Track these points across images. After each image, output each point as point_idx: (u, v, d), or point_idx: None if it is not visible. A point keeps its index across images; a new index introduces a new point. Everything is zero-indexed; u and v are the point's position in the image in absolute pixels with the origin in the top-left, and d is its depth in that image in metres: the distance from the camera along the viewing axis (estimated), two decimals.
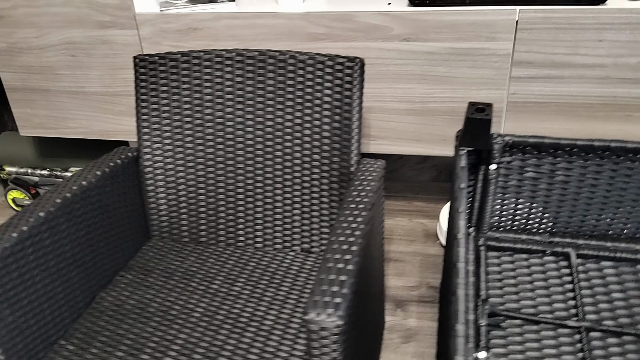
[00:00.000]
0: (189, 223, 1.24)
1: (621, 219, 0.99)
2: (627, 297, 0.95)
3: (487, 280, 0.99)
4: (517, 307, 0.95)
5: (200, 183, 1.22)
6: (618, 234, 1.01)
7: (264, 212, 1.21)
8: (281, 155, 1.17)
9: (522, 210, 1.01)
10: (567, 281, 0.98)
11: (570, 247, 1.01)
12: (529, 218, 1.02)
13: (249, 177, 1.20)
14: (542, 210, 1.01)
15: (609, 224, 1.00)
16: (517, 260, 1.02)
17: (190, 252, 1.20)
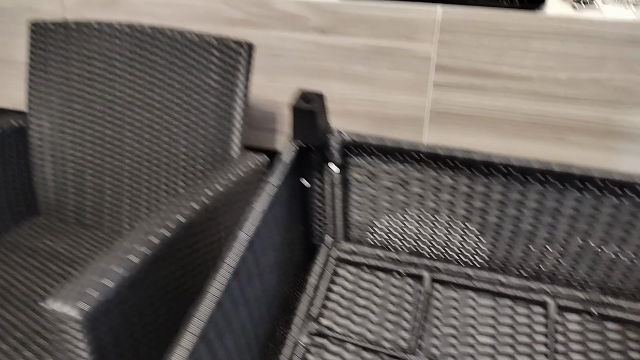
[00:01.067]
0: (76, 203, 1.21)
1: (483, 243, 0.88)
2: (476, 332, 0.84)
3: (326, 297, 0.90)
4: (357, 331, 0.86)
5: (88, 162, 1.19)
6: (478, 262, 0.89)
7: (148, 200, 1.16)
8: (168, 140, 1.12)
9: (381, 224, 0.92)
10: (413, 310, 0.88)
11: (425, 270, 0.90)
12: (390, 233, 0.93)
13: (135, 161, 1.16)
14: (401, 226, 0.91)
15: (470, 248, 0.89)
16: (370, 278, 0.93)
17: (74, 235, 1.17)
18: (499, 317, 0.86)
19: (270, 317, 0.85)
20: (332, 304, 0.90)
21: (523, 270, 0.88)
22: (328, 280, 0.91)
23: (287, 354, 0.83)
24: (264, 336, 0.83)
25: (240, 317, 0.73)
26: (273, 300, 0.85)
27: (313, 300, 0.89)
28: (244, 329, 0.75)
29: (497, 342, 0.83)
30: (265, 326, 0.83)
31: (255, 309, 0.78)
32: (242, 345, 0.75)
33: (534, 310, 0.86)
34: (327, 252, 0.95)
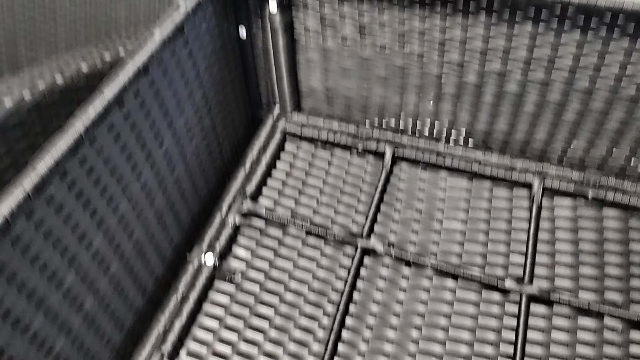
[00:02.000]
0: None
1: (459, 112, 0.71)
2: (445, 217, 0.69)
3: (268, 174, 0.75)
4: (302, 213, 0.72)
5: (20, 30, 1.00)
6: (453, 137, 0.73)
7: None
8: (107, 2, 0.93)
9: (338, 89, 0.75)
10: (371, 191, 0.73)
11: (388, 145, 0.74)
12: (349, 101, 0.76)
13: (71, 28, 0.97)
14: (363, 93, 0.74)
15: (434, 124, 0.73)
16: (323, 155, 0.77)
17: None
18: (474, 200, 0.71)
19: (197, 194, 0.71)
20: (274, 183, 0.75)
21: (506, 146, 0.72)
22: (272, 156, 0.76)
23: (212, 233, 0.69)
24: (186, 213, 0.69)
25: (144, 180, 0.58)
26: (199, 177, 0.70)
27: (250, 176, 0.74)
28: (150, 196, 0.60)
29: (469, 228, 0.68)
30: (188, 203, 0.69)
31: (171, 180, 0.63)
32: (149, 218, 0.61)
33: (517, 194, 0.71)
34: (273, 125, 0.79)
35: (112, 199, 0.56)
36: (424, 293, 0.64)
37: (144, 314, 0.66)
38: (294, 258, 0.68)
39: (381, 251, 0.66)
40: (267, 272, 0.67)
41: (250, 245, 0.69)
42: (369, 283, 0.65)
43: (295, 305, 0.64)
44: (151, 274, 0.65)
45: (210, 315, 0.64)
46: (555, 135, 0.69)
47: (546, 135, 0.69)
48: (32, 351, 0.51)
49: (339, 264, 0.67)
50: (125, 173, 0.57)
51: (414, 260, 0.65)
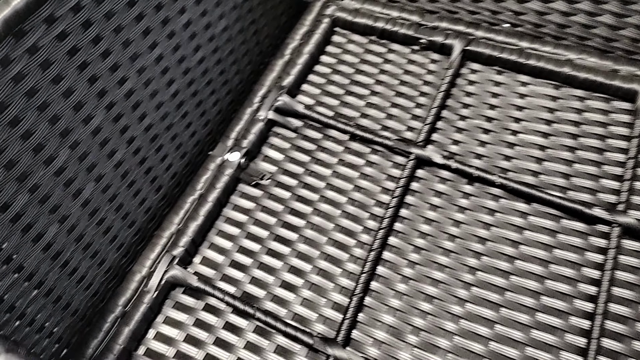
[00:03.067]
0: None
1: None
2: (520, 128, 0.57)
3: (309, 67, 0.63)
4: (348, 114, 0.61)
5: None
6: (537, 28, 0.59)
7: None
8: None
9: None
10: (432, 93, 0.60)
11: (458, 39, 0.61)
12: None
13: None
14: None
15: None
16: (378, 50, 0.65)
17: None
18: (561, 111, 0.57)
19: (226, 83, 0.61)
20: (317, 78, 0.64)
21: (608, 46, 0.57)
22: (317, 47, 0.64)
23: (240, 128, 0.59)
24: (212, 103, 0.59)
25: (162, 60, 0.48)
26: (230, 64, 0.60)
27: (289, 68, 0.62)
28: (168, 77, 0.50)
29: (551, 143, 0.56)
30: (215, 93, 0.59)
31: (194, 63, 0.53)
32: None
33: (616, 106, 0.57)
34: (321, 10, 0.67)
35: (122, 80, 0.47)
36: (488, 215, 0.53)
37: (157, 213, 0.58)
38: (333, 164, 0.57)
39: (439, 162, 0.55)
40: (301, 178, 0.57)
41: (283, 146, 0.59)
42: (421, 198, 0.54)
43: (330, 217, 0.54)
44: (167, 169, 0.57)
45: (231, 222, 0.55)
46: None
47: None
48: (36, 250, 0.44)
49: (386, 174, 0.56)
50: (142, 50, 0.48)
51: (478, 176, 0.53)
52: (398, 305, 0.49)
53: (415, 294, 0.50)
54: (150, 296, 0.50)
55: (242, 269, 0.52)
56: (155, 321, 0.51)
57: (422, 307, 0.49)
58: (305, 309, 0.50)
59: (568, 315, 0.47)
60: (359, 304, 0.49)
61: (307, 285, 0.51)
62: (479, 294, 0.49)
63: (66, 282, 0.48)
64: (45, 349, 0.48)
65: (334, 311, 0.50)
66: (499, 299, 0.48)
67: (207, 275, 0.52)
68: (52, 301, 0.47)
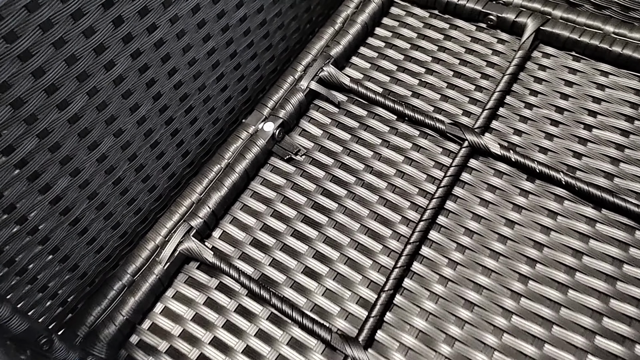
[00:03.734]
0: None
1: None
2: (587, 114, 0.49)
3: (360, 39, 0.58)
4: (399, 91, 0.55)
5: None
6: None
7: None
8: None
9: None
10: (497, 76, 0.54)
11: (531, 19, 0.54)
12: None
13: None
14: None
15: None
16: (440, 25, 0.58)
17: None
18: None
19: (270, 48, 0.56)
20: (369, 51, 0.58)
21: None
22: (371, 18, 0.58)
23: (278, 97, 0.54)
24: (252, 68, 0.55)
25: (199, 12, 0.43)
26: (275, 28, 0.55)
27: (339, 37, 0.57)
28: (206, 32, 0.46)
29: (631, 142, 0.48)
30: (256, 57, 0.54)
31: (236, 21, 0.48)
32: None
33: None
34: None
35: (152, 27, 0.43)
36: (548, 218, 0.46)
37: (182, 181, 0.54)
38: (377, 145, 0.51)
39: (497, 152, 0.48)
40: (339, 157, 0.51)
41: (323, 121, 0.54)
42: (472, 192, 0.48)
43: (366, 202, 0.48)
44: (196, 134, 0.52)
45: (258, 197, 0.50)
46: None
47: None
48: (43, 203, 0.41)
49: (435, 161, 0.50)
50: None
51: (541, 171, 0.46)
52: (432, 308, 0.43)
53: (453, 299, 0.43)
54: (161, 267, 0.46)
55: (263, 249, 0.47)
56: (165, 295, 0.47)
57: (460, 314, 0.43)
58: (327, 301, 0.44)
59: (632, 343, 0.40)
60: (388, 301, 0.43)
61: (333, 275, 0.46)
62: (528, 306, 0.42)
63: (75, 242, 0.45)
64: (47, 311, 0.45)
65: (358, 307, 0.44)
66: (552, 315, 0.41)
67: (224, 251, 0.48)
68: (58, 260, 0.44)
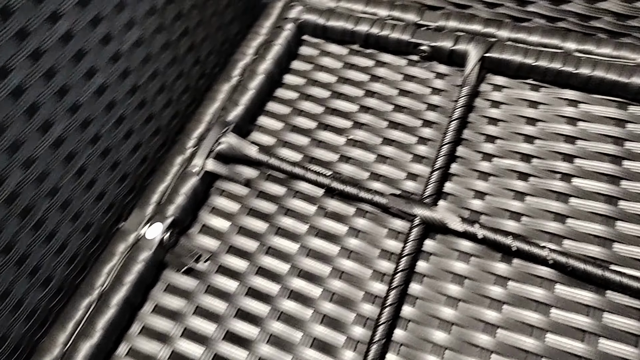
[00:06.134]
0: None
1: None
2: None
3: (265, 93, 0.46)
4: (321, 159, 0.43)
5: None
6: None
7: None
8: None
9: None
10: (442, 121, 0.42)
11: (472, 42, 0.43)
12: None
13: None
14: None
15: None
16: (359, 62, 0.47)
17: None
18: (635, 142, 0.39)
19: (153, 118, 0.43)
20: (279, 107, 0.46)
21: None
22: (277, 64, 0.46)
23: (163, 186, 0.41)
24: (128, 152, 0.42)
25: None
26: (158, 94, 0.42)
27: (238, 95, 0.44)
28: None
29: (621, 186, 0.37)
30: (135, 134, 0.41)
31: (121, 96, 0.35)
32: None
33: None
34: (282, 12, 0.49)
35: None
36: (537, 313, 0.34)
37: (50, 298, 0.40)
38: (301, 235, 0.39)
39: (457, 229, 0.36)
40: (253, 258, 0.38)
41: (229, 210, 0.41)
42: (432, 287, 0.36)
43: (296, 322, 0.36)
44: (78, 242, 0.39)
45: (150, 334, 0.37)
46: None
47: None
48: None
49: (380, 248, 0.38)
50: None
51: (518, 249, 0.35)
52: None
53: None
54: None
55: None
56: None
57: None
58: None
59: None
60: None
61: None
62: None
63: None
64: None
65: None
66: None
67: None
68: None
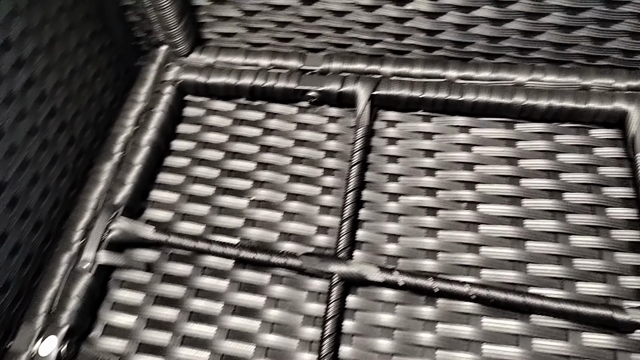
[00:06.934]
0: None
1: None
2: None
3: (152, 166, 0.42)
4: (228, 228, 0.40)
5: None
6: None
7: None
8: None
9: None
10: (341, 167, 0.41)
11: (360, 82, 0.42)
12: (295, 11, 0.43)
13: None
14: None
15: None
16: (249, 116, 0.45)
17: None
18: (527, 160, 0.40)
19: (30, 212, 0.38)
20: (169, 178, 0.42)
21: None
22: (161, 130, 0.43)
23: (53, 289, 0.36)
24: (8, 253, 0.37)
25: None
26: (33, 186, 0.38)
27: (121, 175, 0.41)
28: None
29: (524, 206, 0.38)
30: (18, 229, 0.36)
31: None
32: None
33: (598, 137, 0.40)
34: (159, 74, 0.46)
35: None
36: (464, 353, 0.33)
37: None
38: (216, 316, 0.36)
39: (378, 279, 0.35)
40: (168, 353, 0.35)
41: (132, 302, 0.37)
42: (361, 345, 0.34)
43: None
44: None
45: None
46: None
47: None
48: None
49: (301, 313, 0.36)
50: None
51: (440, 290, 0.34)
52: None
53: None
54: None
55: None
56: None
57: None
58: None
59: None
60: None
61: None
62: None
63: None
64: None
65: None
66: None
67: None
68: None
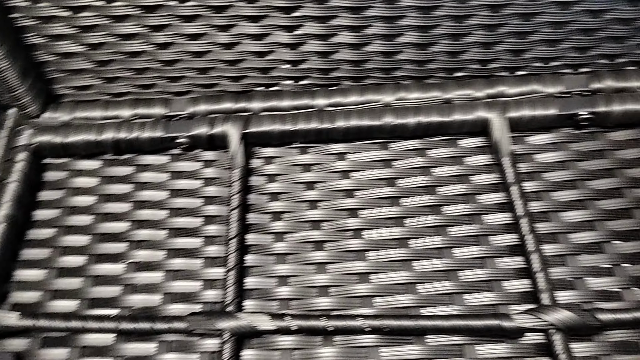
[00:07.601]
0: None
1: None
2: None
3: (11, 237, 0.39)
4: (106, 298, 0.36)
5: None
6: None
7: None
8: None
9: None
10: (221, 212, 0.40)
11: (229, 122, 0.41)
12: (149, 56, 0.41)
13: None
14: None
15: None
16: (117, 172, 0.42)
17: None
18: (406, 179, 0.40)
19: None
20: (33, 253, 0.39)
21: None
22: (18, 202, 0.39)
23: None
24: None
25: None
26: None
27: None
28: None
29: (411, 224, 0.38)
30: None
31: None
32: None
33: (466, 146, 0.41)
34: (11, 141, 0.42)
35: None
36: None
37: None
38: None
39: (270, 328, 0.33)
40: None
41: None
42: None
43: None
44: None
45: None
46: None
47: None
48: None
49: None
50: None
51: (335, 328, 0.33)
52: None
53: None
54: None
55: None
56: None
57: None
58: None
59: None
60: None
61: None
62: None
63: None
64: None
65: None
66: None
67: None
68: None
